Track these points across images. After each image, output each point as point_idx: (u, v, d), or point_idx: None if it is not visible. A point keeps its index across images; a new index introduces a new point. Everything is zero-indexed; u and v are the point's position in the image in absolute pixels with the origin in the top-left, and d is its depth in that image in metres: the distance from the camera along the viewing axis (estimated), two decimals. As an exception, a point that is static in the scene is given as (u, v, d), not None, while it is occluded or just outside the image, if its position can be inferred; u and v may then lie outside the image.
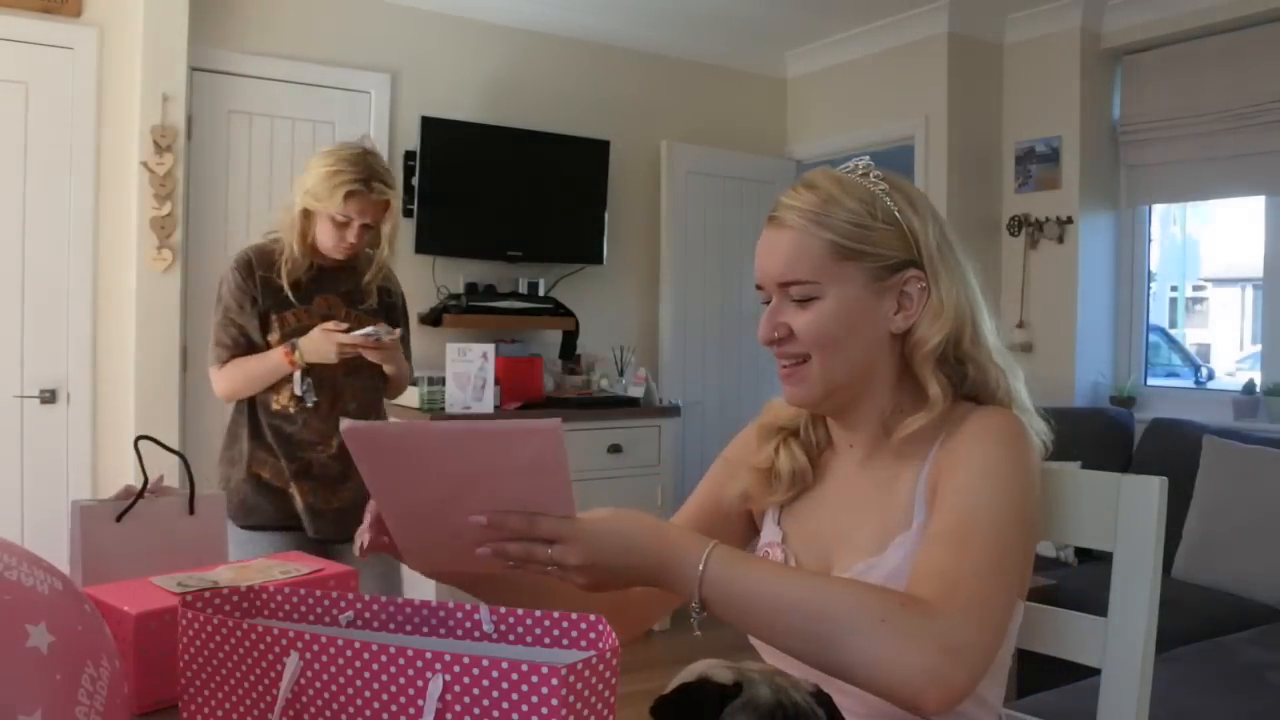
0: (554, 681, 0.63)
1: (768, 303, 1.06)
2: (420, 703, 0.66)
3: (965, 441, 0.99)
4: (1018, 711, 1.20)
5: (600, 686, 0.66)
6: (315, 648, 0.71)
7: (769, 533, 1.12)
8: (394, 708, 0.68)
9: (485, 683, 0.64)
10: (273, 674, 0.73)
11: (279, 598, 0.84)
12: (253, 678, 0.74)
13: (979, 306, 1.06)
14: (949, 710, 0.83)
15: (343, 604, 0.82)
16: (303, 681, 0.71)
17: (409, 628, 0.81)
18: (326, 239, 2.23)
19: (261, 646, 0.73)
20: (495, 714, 0.64)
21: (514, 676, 0.64)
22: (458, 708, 0.65)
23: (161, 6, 3.28)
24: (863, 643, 0.83)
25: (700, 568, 0.86)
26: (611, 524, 0.89)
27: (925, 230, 1.03)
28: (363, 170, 2.21)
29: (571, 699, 0.63)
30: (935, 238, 1.04)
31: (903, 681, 0.82)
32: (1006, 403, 1.05)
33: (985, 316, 1.07)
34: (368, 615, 0.82)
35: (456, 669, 0.65)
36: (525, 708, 0.63)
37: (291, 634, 0.71)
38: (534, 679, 0.63)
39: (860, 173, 1.05)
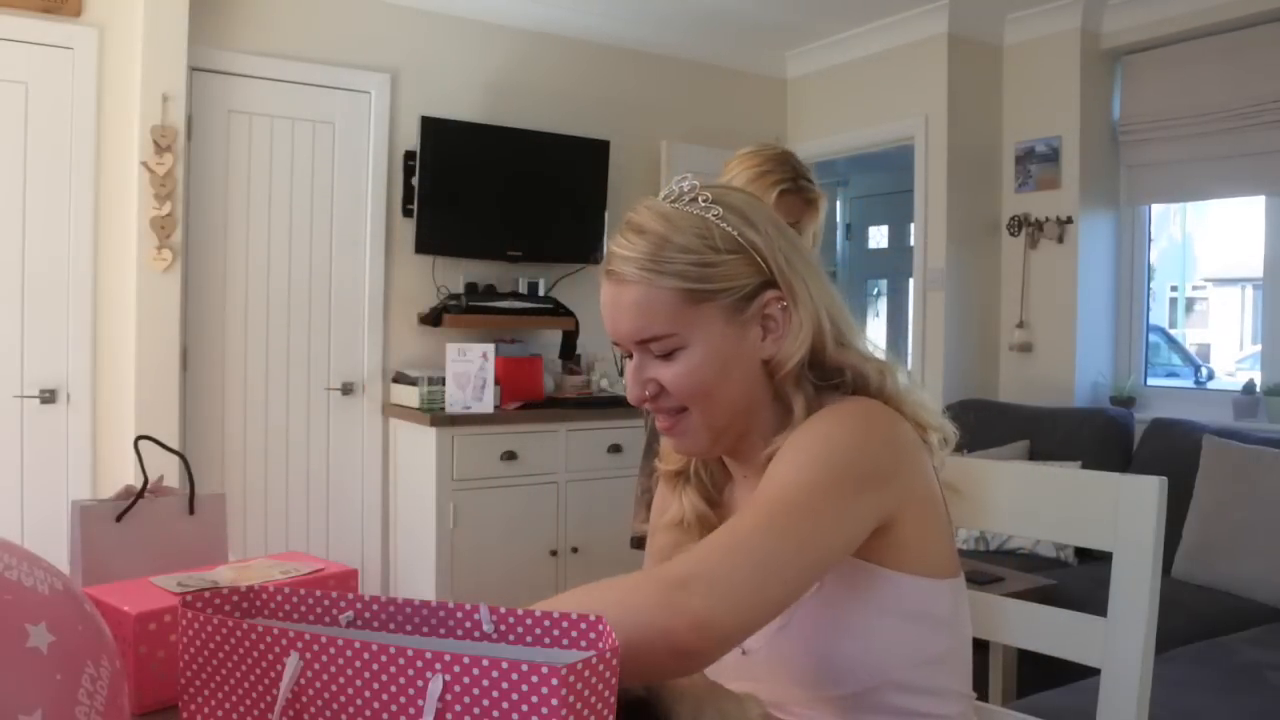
0: (554, 681, 0.63)
1: (629, 356, 1.01)
2: (420, 703, 0.66)
3: (800, 428, 0.96)
4: (1018, 711, 1.20)
5: (600, 686, 0.66)
6: (315, 647, 0.71)
7: None
8: (394, 708, 0.68)
9: (485, 683, 0.64)
10: (272, 674, 0.73)
11: (279, 598, 0.84)
12: (252, 678, 0.74)
13: (837, 308, 1.01)
14: (719, 645, 0.77)
15: (343, 604, 0.82)
16: (302, 681, 0.71)
17: (409, 628, 0.81)
18: None
19: (261, 647, 0.73)
20: (495, 714, 0.64)
21: (514, 676, 0.64)
22: (458, 708, 0.65)
23: (161, 6, 3.28)
24: (617, 621, 0.77)
25: None
26: None
27: (770, 246, 0.98)
28: (790, 170, 2.23)
29: (572, 699, 0.63)
30: (782, 250, 0.98)
31: (651, 629, 0.75)
32: (895, 400, 0.99)
33: (846, 317, 1.02)
34: (368, 615, 0.82)
35: (456, 669, 0.65)
36: (525, 708, 0.63)
37: (291, 634, 0.72)
38: (534, 679, 0.63)
39: (688, 198, 0.98)
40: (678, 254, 0.95)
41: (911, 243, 4.60)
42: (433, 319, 3.94)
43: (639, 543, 2.39)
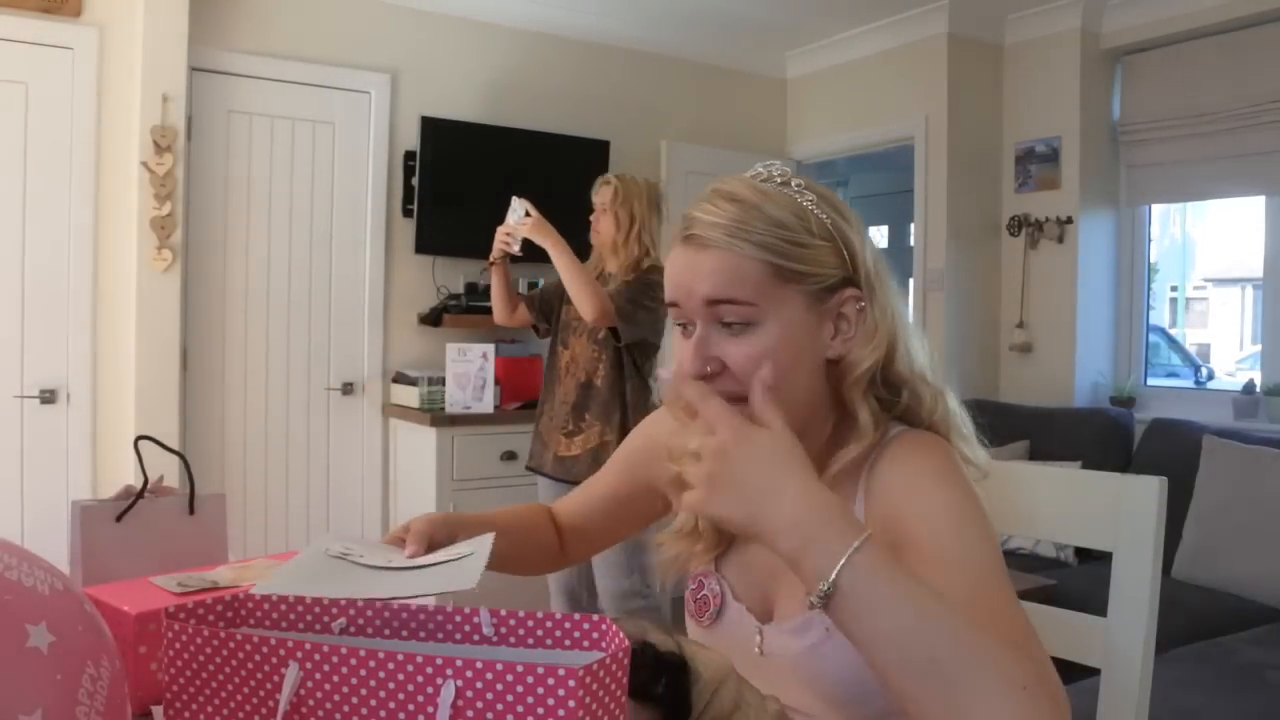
0: (571, 683, 0.62)
1: (683, 326, 0.94)
2: (430, 710, 0.65)
3: (902, 479, 0.91)
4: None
5: (613, 686, 0.65)
6: (316, 657, 0.69)
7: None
8: (402, 716, 0.66)
9: (499, 687, 0.63)
10: (269, 685, 0.71)
11: (265, 605, 0.82)
12: (246, 690, 0.72)
13: (909, 325, 0.98)
14: None
15: (334, 610, 0.81)
16: (302, 693, 0.69)
17: (404, 633, 0.79)
18: None
19: (257, 658, 0.71)
20: (510, 718, 0.63)
21: (529, 680, 0.62)
22: (470, 714, 0.64)
23: (161, 6, 3.28)
24: (993, 708, 0.71)
25: (851, 549, 0.73)
26: (774, 442, 0.78)
27: (861, 244, 0.94)
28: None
29: (588, 700, 0.63)
30: (870, 252, 0.95)
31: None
32: (944, 428, 0.97)
33: (916, 336, 0.98)
34: (361, 621, 0.80)
35: (469, 674, 0.64)
36: (541, 710, 0.62)
37: (290, 643, 0.70)
38: (550, 681, 0.62)
39: (779, 181, 0.94)
40: (771, 226, 0.89)
41: (911, 243, 4.60)
42: (433, 319, 3.94)
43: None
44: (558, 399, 2.94)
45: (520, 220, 2.86)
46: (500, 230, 2.91)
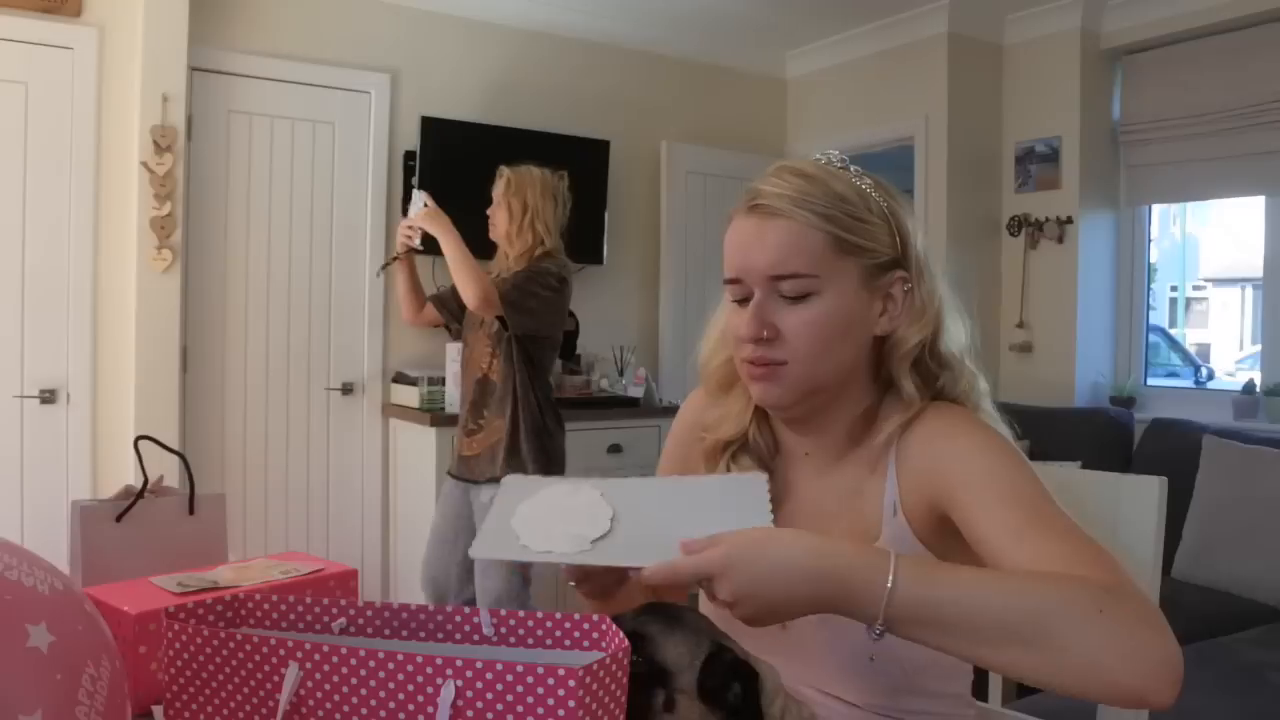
0: (571, 683, 0.62)
1: (740, 301, 0.98)
2: (430, 710, 0.65)
3: (934, 436, 0.96)
4: (1018, 711, 1.20)
5: (613, 687, 0.66)
6: (316, 657, 0.69)
7: None
8: (402, 716, 0.67)
9: (499, 687, 0.64)
10: (269, 685, 0.71)
11: (265, 606, 0.82)
12: (246, 690, 0.72)
13: (952, 310, 1.03)
14: (1173, 702, 0.78)
15: (334, 610, 0.81)
16: (302, 693, 0.69)
17: (405, 633, 0.79)
18: None
19: (257, 658, 0.71)
20: (509, 718, 0.64)
21: (529, 680, 0.63)
22: (470, 714, 0.64)
23: (161, 6, 3.28)
24: (1087, 639, 0.75)
25: (887, 585, 0.76)
26: (762, 548, 0.79)
27: (913, 230, 1.00)
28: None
29: (588, 700, 0.63)
30: (919, 238, 1.02)
31: (1140, 674, 0.76)
32: (970, 406, 1.02)
33: (957, 322, 1.04)
34: (361, 622, 0.80)
35: (469, 674, 0.64)
36: (541, 710, 0.62)
37: (290, 643, 0.70)
38: (550, 681, 0.62)
39: (838, 165, 1.01)
40: (835, 200, 0.95)
41: (911, 243, 4.59)
42: (433, 319, 3.93)
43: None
44: (463, 398, 2.93)
45: (419, 211, 2.85)
46: (402, 225, 2.90)
